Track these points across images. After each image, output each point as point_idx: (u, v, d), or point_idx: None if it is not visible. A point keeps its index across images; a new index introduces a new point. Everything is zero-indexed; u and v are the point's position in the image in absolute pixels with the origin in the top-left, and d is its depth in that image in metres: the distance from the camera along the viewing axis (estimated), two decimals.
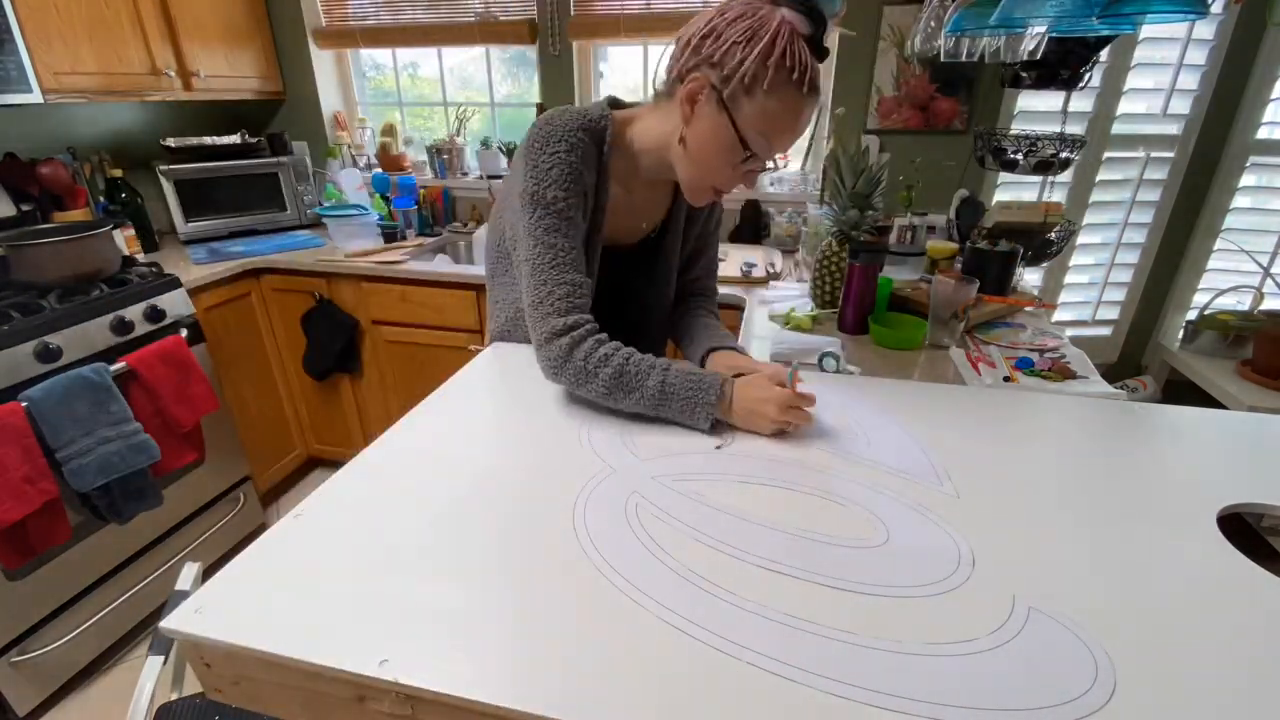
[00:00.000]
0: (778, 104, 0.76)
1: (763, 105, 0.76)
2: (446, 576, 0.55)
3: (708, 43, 0.76)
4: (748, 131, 0.78)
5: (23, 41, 1.61)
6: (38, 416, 1.38)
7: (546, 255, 0.83)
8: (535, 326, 0.83)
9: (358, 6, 2.42)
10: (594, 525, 0.62)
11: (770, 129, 0.78)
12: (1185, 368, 2.04)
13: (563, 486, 0.68)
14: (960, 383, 1.15)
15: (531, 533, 0.61)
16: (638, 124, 0.90)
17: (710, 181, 0.85)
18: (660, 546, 0.59)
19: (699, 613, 0.52)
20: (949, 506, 0.66)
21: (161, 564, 1.80)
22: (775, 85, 0.74)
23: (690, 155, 0.83)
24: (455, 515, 0.64)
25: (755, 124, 0.77)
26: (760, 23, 0.73)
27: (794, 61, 0.73)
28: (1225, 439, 0.79)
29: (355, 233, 2.16)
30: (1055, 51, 1.48)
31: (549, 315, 0.82)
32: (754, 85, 0.74)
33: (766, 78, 0.74)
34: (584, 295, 0.85)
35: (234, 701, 0.53)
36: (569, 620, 0.51)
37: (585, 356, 0.79)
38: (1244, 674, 0.47)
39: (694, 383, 0.78)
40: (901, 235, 1.93)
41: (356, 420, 2.31)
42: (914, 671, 0.47)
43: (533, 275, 0.84)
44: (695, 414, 0.78)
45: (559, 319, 0.81)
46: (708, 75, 0.77)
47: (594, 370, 0.79)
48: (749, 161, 0.81)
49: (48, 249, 1.60)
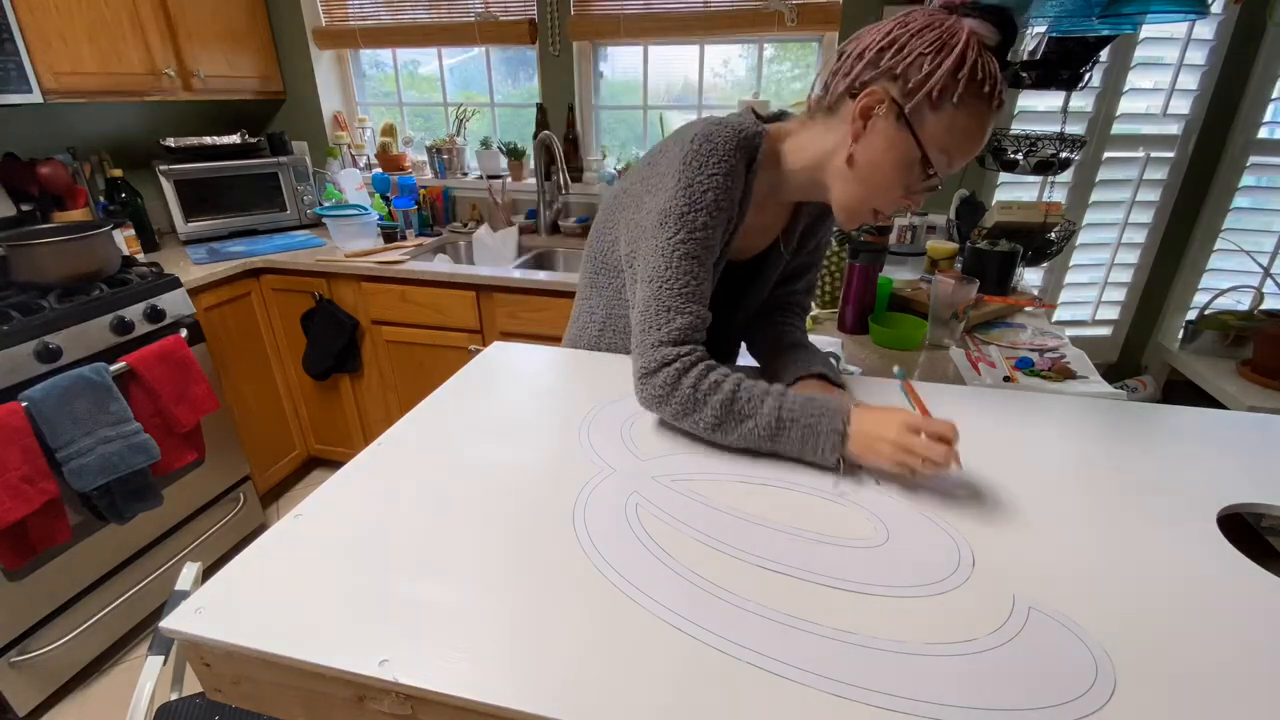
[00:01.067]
0: (966, 118, 0.71)
1: (951, 120, 0.71)
2: (447, 576, 0.55)
3: (888, 55, 0.71)
4: (930, 148, 0.72)
5: (23, 41, 1.61)
6: (38, 416, 1.38)
7: (677, 281, 0.78)
8: (644, 352, 0.77)
9: (358, 6, 2.42)
10: (594, 525, 0.62)
11: (955, 145, 0.73)
12: (1185, 368, 2.04)
13: (563, 486, 0.68)
14: (960, 383, 1.15)
15: (532, 532, 0.61)
16: (791, 140, 0.84)
17: (875, 203, 0.79)
18: (660, 546, 0.59)
19: (699, 613, 0.52)
20: (949, 506, 0.66)
21: (161, 564, 1.80)
22: (966, 99, 0.69)
23: (858, 174, 0.77)
24: (455, 515, 0.64)
25: (939, 140, 0.72)
26: (949, 33, 0.68)
27: (984, 74, 0.68)
28: (1225, 439, 0.79)
29: (355, 233, 2.16)
30: (1055, 51, 1.48)
31: (662, 344, 0.76)
32: (942, 99, 0.69)
33: (956, 91, 0.69)
34: (703, 330, 0.79)
35: (234, 701, 0.53)
36: (569, 620, 0.51)
37: (694, 383, 0.74)
38: (1244, 674, 0.47)
39: (818, 409, 0.71)
40: (901, 235, 1.93)
41: (356, 420, 2.31)
42: (914, 671, 0.47)
43: (655, 298, 0.78)
44: (818, 444, 0.70)
45: (672, 348, 0.76)
46: (887, 89, 0.72)
47: (703, 398, 0.73)
48: (927, 180, 0.76)
49: (48, 249, 1.60)
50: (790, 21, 2.00)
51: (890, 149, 0.74)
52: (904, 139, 0.73)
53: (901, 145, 0.73)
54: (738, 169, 0.80)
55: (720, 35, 2.15)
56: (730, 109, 2.24)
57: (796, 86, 2.23)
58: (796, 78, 2.24)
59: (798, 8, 1.99)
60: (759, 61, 2.22)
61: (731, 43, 2.21)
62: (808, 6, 2.00)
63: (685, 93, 2.33)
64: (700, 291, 0.79)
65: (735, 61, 2.26)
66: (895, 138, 0.73)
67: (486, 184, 2.42)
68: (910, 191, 0.77)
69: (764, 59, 2.22)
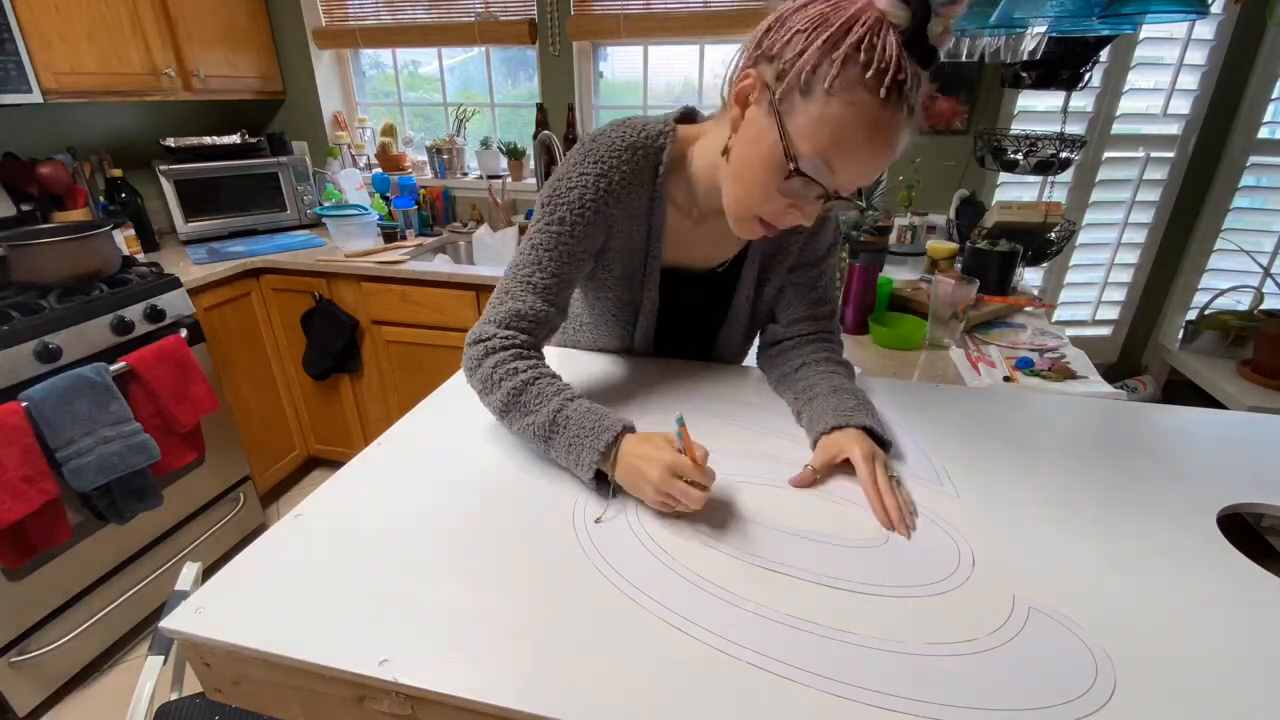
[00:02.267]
0: (842, 109, 0.57)
1: (822, 110, 0.58)
2: (446, 576, 0.55)
3: (770, 33, 0.61)
4: (801, 144, 0.60)
5: (23, 41, 1.61)
6: (38, 416, 1.38)
7: (523, 270, 0.77)
8: (477, 324, 0.76)
9: (358, 6, 2.42)
10: (594, 525, 0.62)
11: (830, 144, 0.59)
12: (1185, 368, 2.04)
13: (563, 486, 0.68)
14: (960, 383, 1.15)
15: (532, 532, 0.61)
16: (701, 141, 0.77)
17: (756, 209, 0.67)
18: (660, 546, 0.59)
19: (699, 613, 0.52)
20: (949, 506, 0.66)
21: (161, 564, 1.80)
22: (842, 85, 0.56)
23: (734, 172, 0.68)
24: (455, 515, 0.64)
25: (810, 135, 0.59)
26: (836, 7, 0.57)
27: (872, 55, 0.55)
28: (1225, 439, 0.79)
29: (355, 233, 2.16)
30: (1055, 51, 1.48)
31: (488, 322, 0.75)
32: (812, 83, 0.57)
33: (830, 75, 0.56)
34: (537, 321, 0.76)
35: (234, 701, 0.53)
36: (569, 620, 0.51)
37: (495, 366, 0.71)
38: (1244, 674, 0.47)
39: (593, 421, 0.65)
40: (901, 235, 1.93)
41: (356, 420, 2.31)
42: (914, 671, 0.47)
43: (503, 278, 0.78)
44: (580, 457, 0.65)
45: (493, 328, 0.74)
46: (762, 72, 0.62)
47: (498, 382, 0.70)
48: (802, 187, 0.62)
49: (48, 249, 1.60)
50: None
51: (759, 142, 0.63)
52: (772, 132, 0.61)
53: (769, 139, 0.62)
54: (626, 171, 0.76)
55: (720, 35, 2.15)
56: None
57: None
58: None
59: None
60: None
61: (731, 43, 2.21)
62: None
63: (685, 93, 2.33)
64: (544, 285, 0.76)
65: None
66: (764, 129, 0.62)
67: (486, 184, 2.42)
68: (797, 201, 0.65)
69: None
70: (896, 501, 0.64)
